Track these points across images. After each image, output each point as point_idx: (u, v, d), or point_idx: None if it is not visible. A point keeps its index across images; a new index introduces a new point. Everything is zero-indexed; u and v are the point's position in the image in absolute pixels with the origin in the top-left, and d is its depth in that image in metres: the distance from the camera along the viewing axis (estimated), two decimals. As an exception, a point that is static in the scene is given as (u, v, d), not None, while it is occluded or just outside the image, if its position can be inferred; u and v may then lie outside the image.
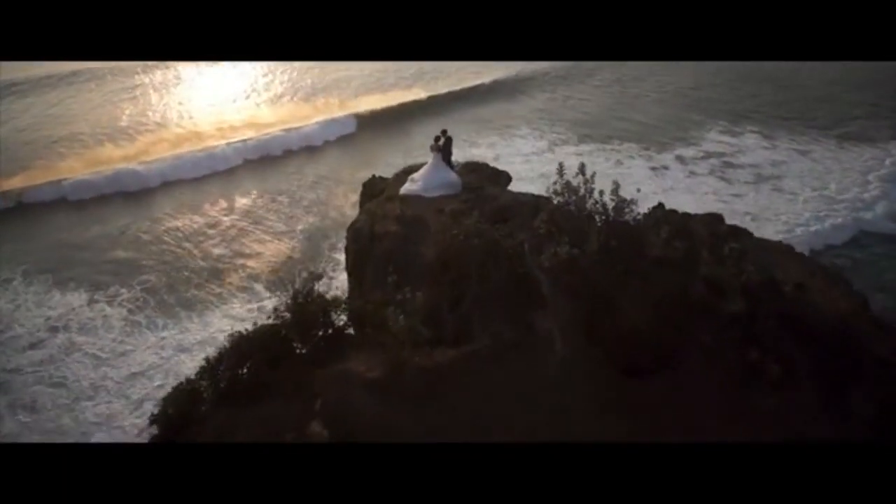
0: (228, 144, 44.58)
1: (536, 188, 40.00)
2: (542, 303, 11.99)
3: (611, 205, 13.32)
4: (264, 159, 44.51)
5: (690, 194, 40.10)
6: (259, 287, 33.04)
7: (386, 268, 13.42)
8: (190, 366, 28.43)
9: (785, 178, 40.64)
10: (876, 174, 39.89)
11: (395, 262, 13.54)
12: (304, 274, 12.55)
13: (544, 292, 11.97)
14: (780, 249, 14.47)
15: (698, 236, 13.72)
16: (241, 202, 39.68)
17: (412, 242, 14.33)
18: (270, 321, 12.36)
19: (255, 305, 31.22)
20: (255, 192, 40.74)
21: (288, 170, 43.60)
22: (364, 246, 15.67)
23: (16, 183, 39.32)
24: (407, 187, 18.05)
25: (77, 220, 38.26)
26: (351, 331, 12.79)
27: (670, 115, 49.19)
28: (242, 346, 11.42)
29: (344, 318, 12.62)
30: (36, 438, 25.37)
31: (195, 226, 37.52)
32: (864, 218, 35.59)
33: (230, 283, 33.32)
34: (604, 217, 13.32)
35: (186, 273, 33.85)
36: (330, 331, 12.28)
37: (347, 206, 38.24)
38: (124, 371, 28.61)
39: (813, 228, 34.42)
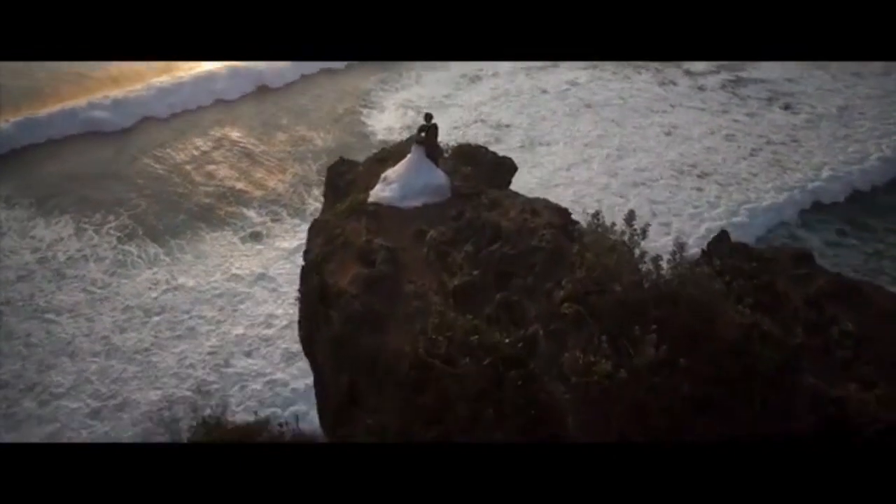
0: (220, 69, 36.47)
1: (539, 108, 34.30)
2: (565, 441, 6.87)
3: (667, 270, 7.87)
4: (261, 87, 36.71)
5: (700, 112, 33.62)
6: (251, 213, 28.30)
7: (337, 373, 8.03)
8: (183, 298, 24.81)
9: (801, 94, 33.71)
10: (903, 93, 32.77)
11: (349, 369, 8.08)
12: (199, 419, 7.34)
13: (570, 429, 6.82)
14: (888, 313, 8.78)
15: (789, 306, 8.25)
16: (234, 128, 33.48)
17: (373, 328, 8.65)
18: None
19: (246, 232, 27.11)
20: (247, 116, 34.30)
21: (284, 96, 36.45)
22: (312, 307, 9.86)
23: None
24: (379, 192, 11.94)
25: (66, 148, 31.98)
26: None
27: (678, 22, 41.29)
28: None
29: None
30: (33, 370, 21.64)
31: (185, 154, 31.68)
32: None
33: (220, 209, 28.48)
34: (653, 280, 7.91)
35: (176, 199, 28.80)
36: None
37: (343, 120, 33.50)
38: (119, 303, 24.50)
39: (841, 158, 27.98)
